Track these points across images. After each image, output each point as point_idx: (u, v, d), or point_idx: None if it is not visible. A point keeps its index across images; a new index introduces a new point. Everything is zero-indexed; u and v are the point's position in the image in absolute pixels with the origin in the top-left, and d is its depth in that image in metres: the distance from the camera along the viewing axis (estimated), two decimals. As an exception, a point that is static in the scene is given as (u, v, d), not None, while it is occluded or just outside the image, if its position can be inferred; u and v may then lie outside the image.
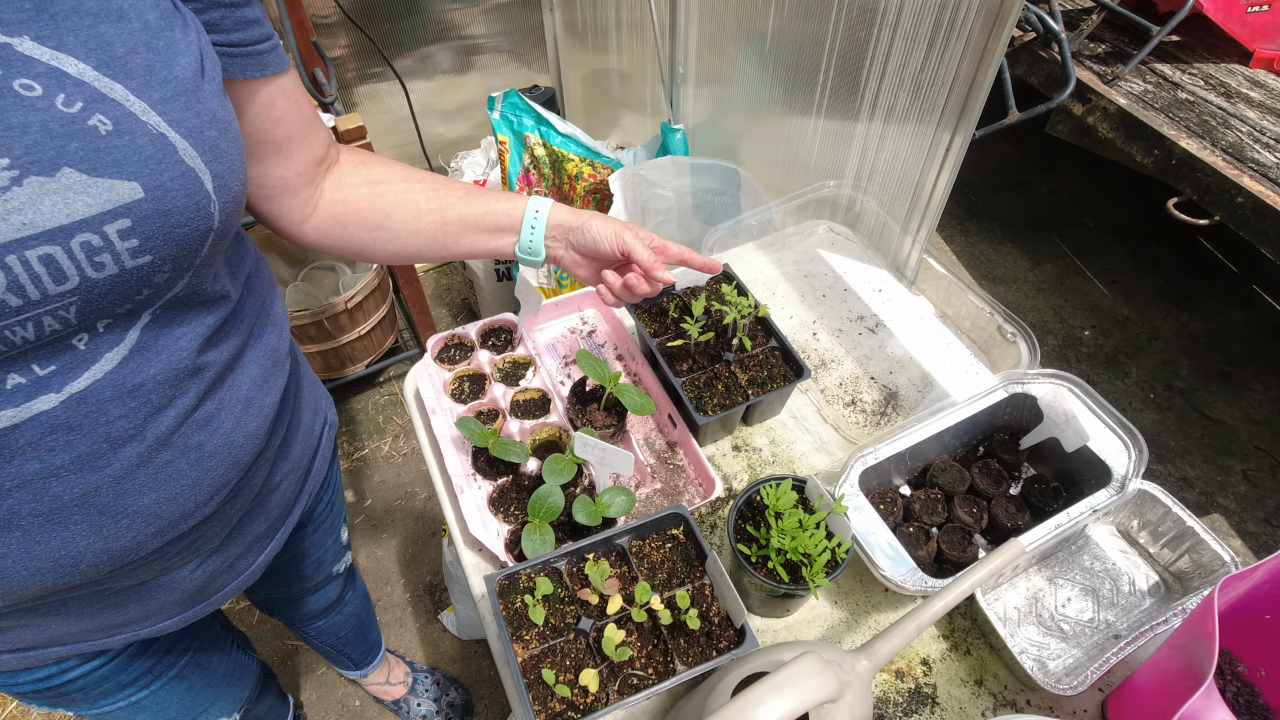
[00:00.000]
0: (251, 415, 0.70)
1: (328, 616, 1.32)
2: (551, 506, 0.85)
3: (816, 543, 0.75)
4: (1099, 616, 0.88)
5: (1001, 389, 0.98)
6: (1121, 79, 2.25)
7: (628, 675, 0.75)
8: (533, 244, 0.84)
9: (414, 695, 1.75)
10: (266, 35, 0.64)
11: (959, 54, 1.00)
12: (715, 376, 0.99)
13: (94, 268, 0.52)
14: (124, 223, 0.52)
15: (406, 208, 0.79)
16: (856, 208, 1.29)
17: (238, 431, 0.68)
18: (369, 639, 1.54)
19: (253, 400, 0.70)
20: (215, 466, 0.66)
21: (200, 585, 0.77)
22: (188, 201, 0.55)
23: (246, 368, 0.69)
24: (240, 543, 0.78)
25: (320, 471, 0.92)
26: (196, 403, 0.62)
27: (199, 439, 0.64)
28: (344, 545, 1.16)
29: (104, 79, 0.51)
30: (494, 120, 1.78)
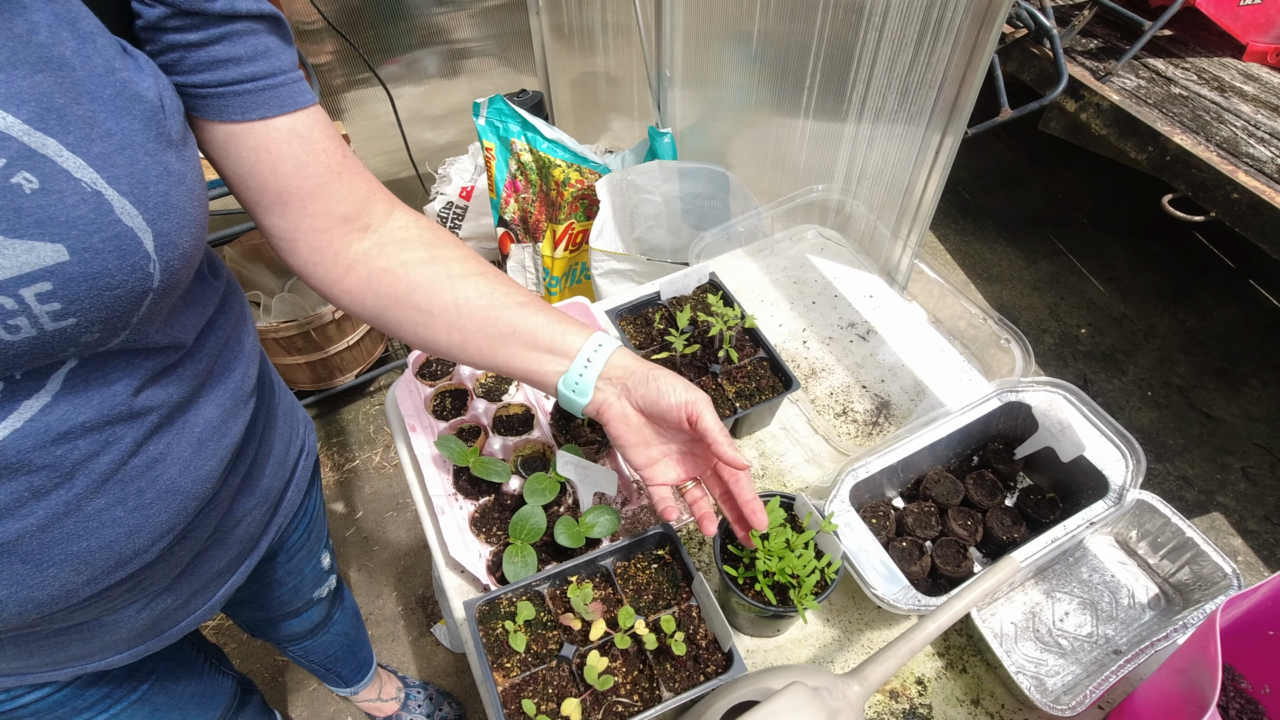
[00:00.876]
0: (205, 458, 0.65)
1: (314, 637, 1.29)
2: (533, 528, 0.82)
3: (805, 563, 0.73)
4: (1098, 631, 0.86)
5: (995, 398, 0.95)
6: (1114, 75, 2.23)
7: (612, 703, 0.73)
8: (581, 382, 0.71)
9: (406, 711, 1.72)
10: (252, 76, 0.57)
11: (947, 54, 0.98)
12: (702, 389, 0.96)
13: (7, 330, 0.48)
14: (43, 286, 0.48)
15: (453, 295, 0.69)
16: (846, 211, 1.27)
17: (186, 475, 0.63)
18: (359, 657, 1.51)
19: (206, 442, 0.65)
20: (158, 513, 0.62)
21: (150, 623, 0.73)
22: (121, 263, 0.51)
23: (202, 409, 0.64)
24: (194, 580, 0.74)
25: (293, 502, 0.88)
26: (135, 448, 0.58)
27: (139, 485, 0.59)
28: (325, 570, 1.12)
29: (35, 133, 0.47)
30: (479, 126, 1.75)
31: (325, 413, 2.35)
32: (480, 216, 2.11)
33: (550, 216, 1.79)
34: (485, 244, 2.14)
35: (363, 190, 0.67)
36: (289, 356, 2.06)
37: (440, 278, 0.69)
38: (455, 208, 2.13)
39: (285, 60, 0.59)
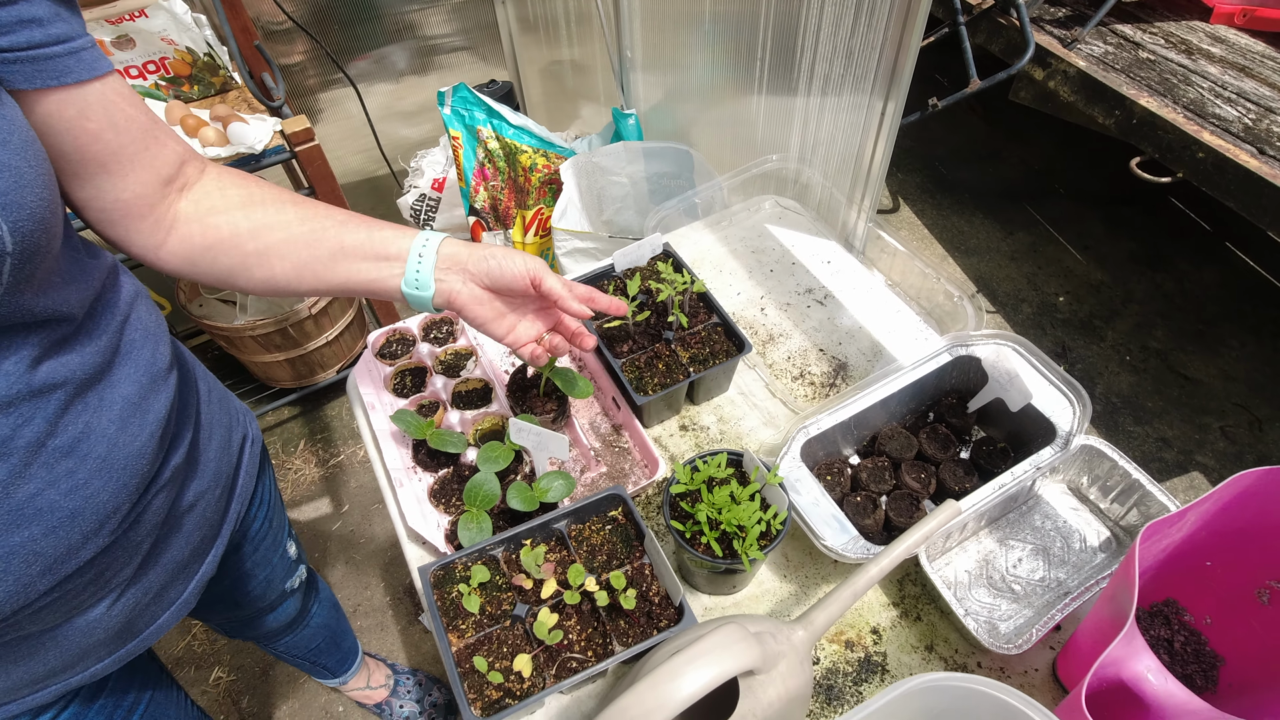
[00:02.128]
0: (132, 434, 0.64)
1: (294, 632, 1.29)
2: (487, 494, 0.83)
3: (750, 514, 0.74)
4: (1050, 575, 0.87)
5: (946, 352, 0.96)
6: (1081, 42, 2.24)
7: (566, 659, 0.74)
8: (420, 276, 0.74)
9: (396, 697, 1.73)
10: (58, 38, 0.55)
11: (884, 19, 0.99)
12: (656, 356, 0.98)
13: None
14: None
15: (277, 231, 0.71)
16: (803, 181, 1.28)
17: (117, 452, 0.62)
18: (344, 647, 1.52)
19: (130, 418, 0.64)
20: (97, 492, 0.61)
21: (124, 622, 0.72)
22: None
23: (116, 385, 0.63)
24: (161, 571, 0.73)
25: (247, 488, 0.88)
26: (50, 426, 0.57)
27: (68, 465, 0.58)
28: (293, 560, 1.12)
29: None
30: (445, 115, 1.76)
31: (308, 410, 2.36)
32: (453, 208, 2.12)
33: (519, 203, 1.80)
34: (460, 235, 2.15)
35: (179, 151, 0.68)
36: (268, 354, 2.07)
37: (263, 216, 0.71)
38: (428, 200, 2.14)
39: (80, 25, 0.58)
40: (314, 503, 2.15)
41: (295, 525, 2.10)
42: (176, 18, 1.63)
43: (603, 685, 0.81)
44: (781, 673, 0.65)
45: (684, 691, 0.55)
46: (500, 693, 0.71)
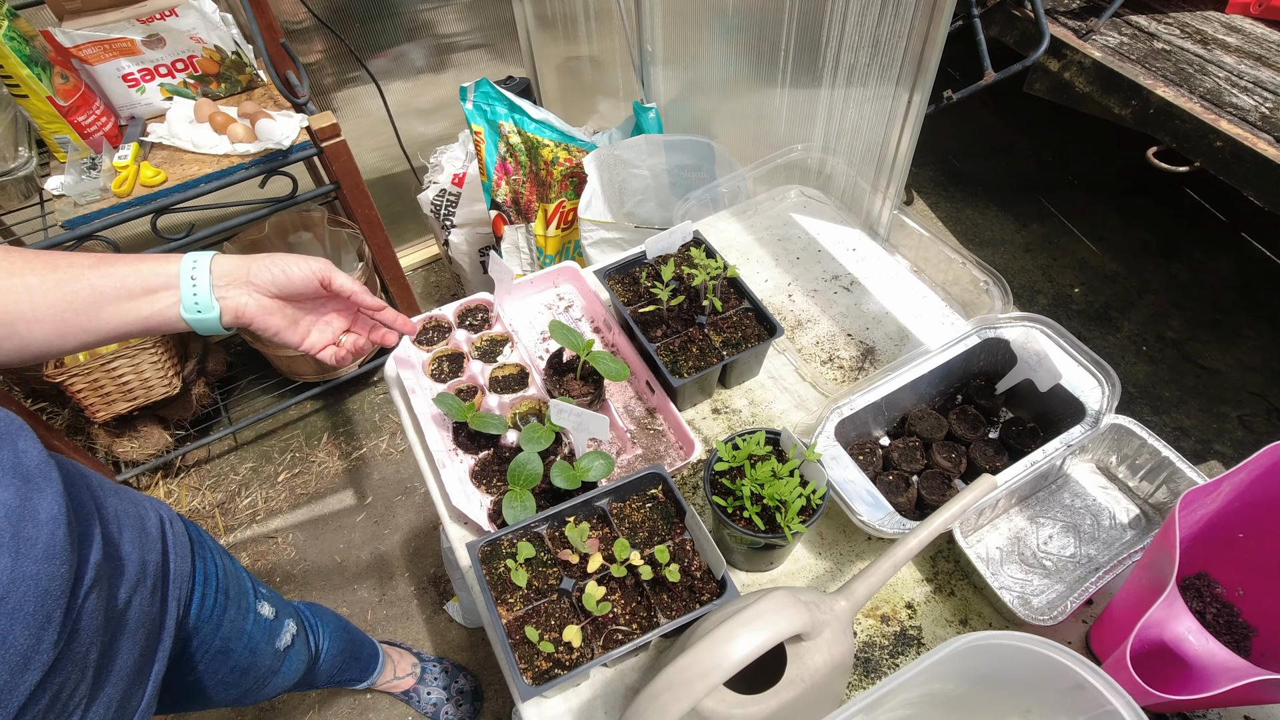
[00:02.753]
0: (29, 540, 0.58)
1: (313, 673, 1.25)
2: (530, 473, 0.86)
3: (791, 489, 0.76)
4: (1080, 551, 0.89)
5: (975, 335, 0.98)
6: (1096, 33, 2.24)
7: (612, 631, 0.76)
8: (198, 299, 0.69)
9: (423, 685, 1.76)
10: None
11: (911, 11, 1.01)
12: (689, 340, 1.00)
13: None
14: None
15: (16, 294, 0.64)
16: (827, 170, 1.30)
17: (24, 560, 0.57)
18: (364, 657, 1.51)
19: (22, 522, 0.58)
20: (18, 605, 0.56)
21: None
22: None
23: None
24: (117, 681, 0.70)
25: (182, 571, 0.84)
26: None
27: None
28: (270, 619, 1.06)
29: None
30: (467, 111, 1.78)
31: (331, 404, 2.39)
32: (473, 202, 2.14)
33: (541, 196, 1.82)
34: (479, 229, 2.17)
35: None
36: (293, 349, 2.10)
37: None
38: (448, 195, 2.17)
39: None
40: (338, 495, 2.18)
41: (321, 518, 2.14)
42: (205, 16, 1.66)
43: (645, 658, 0.83)
44: (826, 640, 0.67)
45: (740, 652, 0.57)
46: (549, 663, 0.74)
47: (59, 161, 1.58)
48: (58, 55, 1.54)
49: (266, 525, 2.12)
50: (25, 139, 1.51)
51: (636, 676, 0.81)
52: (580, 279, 1.13)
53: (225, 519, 2.13)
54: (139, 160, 1.60)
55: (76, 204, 1.52)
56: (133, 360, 1.87)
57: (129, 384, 1.90)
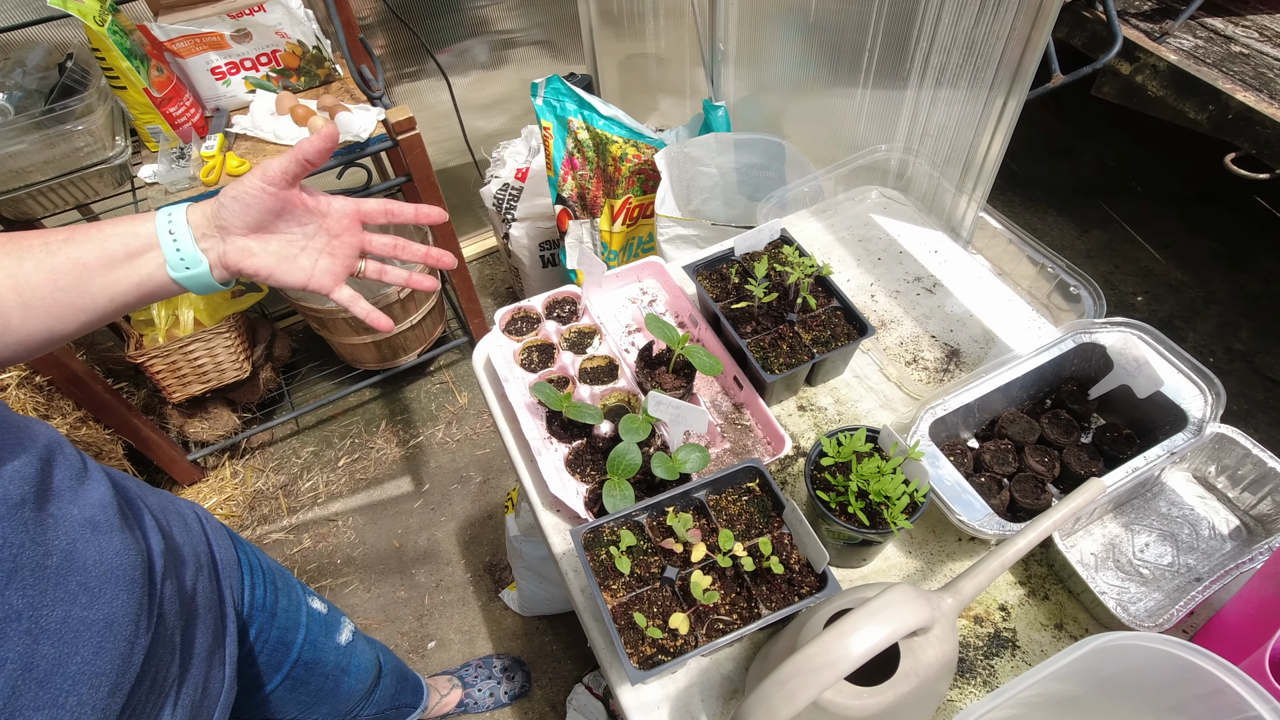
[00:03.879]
0: (99, 530, 0.62)
1: (380, 685, 1.27)
2: (629, 464, 0.87)
3: (895, 485, 0.77)
4: (1179, 560, 0.88)
5: (1069, 339, 0.97)
6: (1170, 35, 2.19)
7: (713, 620, 0.77)
8: (183, 254, 0.65)
9: (471, 687, 1.77)
10: None
11: (1011, 16, 1.00)
12: (780, 337, 1.01)
13: None
14: None
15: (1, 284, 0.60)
16: (908, 173, 1.29)
17: (106, 553, 0.61)
18: (410, 679, 1.52)
19: (90, 517, 0.62)
20: (116, 595, 0.60)
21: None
22: None
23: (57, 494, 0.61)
24: (199, 662, 0.73)
25: (228, 560, 0.87)
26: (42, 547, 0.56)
27: (78, 579, 0.58)
28: (325, 614, 1.09)
29: None
30: (537, 106, 1.81)
31: (389, 392, 2.44)
32: (535, 197, 2.17)
33: (608, 192, 1.84)
34: (540, 223, 2.20)
35: None
36: (356, 336, 2.15)
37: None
38: (510, 189, 2.20)
39: None
40: (395, 481, 2.23)
41: (379, 503, 2.19)
42: (291, 11, 1.71)
43: (740, 649, 0.84)
44: (937, 636, 0.68)
45: (868, 643, 0.58)
46: (654, 649, 0.75)
47: (149, 151, 1.64)
48: (153, 48, 1.60)
49: (327, 508, 2.18)
50: (121, 129, 1.57)
51: (732, 666, 0.83)
52: (665, 274, 1.14)
53: (289, 500, 2.19)
54: (224, 151, 1.66)
55: (167, 191, 1.58)
56: (208, 344, 1.93)
57: (203, 367, 1.97)
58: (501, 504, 2.15)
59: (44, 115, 1.43)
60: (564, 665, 1.86)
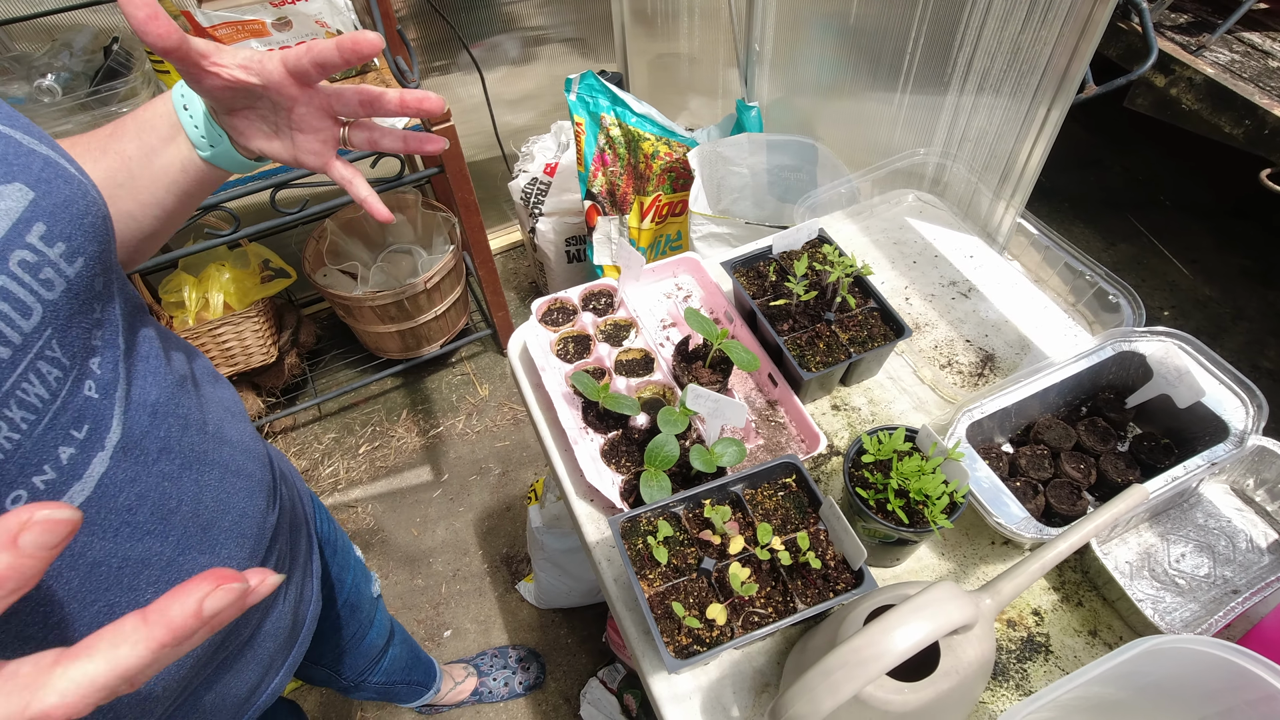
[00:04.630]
0: (236, 418, 0.71)
1: (393, 647, 1.31)
2: (667, 455, 0.88)
3: (935, 484, 0.77)
4: (1216, 572, 0.87)
5: (1108, 347, 0.97)
6: (1207, 49, 2.18)
7: (749, 613, 0.78)
8: (201, 131, 0.64)
9: (486, 677, 1.78)
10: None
11: (1058, 26, 1.00)
12: (816, 336, 1.01)
13: (45, 287, 0.48)
14: (40, 227, 0.48)
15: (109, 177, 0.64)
16: (945, 178, 1.29)
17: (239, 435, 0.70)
18: (423, 657, 1.54)
19: (228, 406, 0.71)
20: (253, 472, 0.69)
21: (292, 618, 0.79)
22: (71, 188, 0.51)
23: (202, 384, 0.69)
24: (299, 563, 0.81)
25: (305, 489, 0.94)
26: (201, 416, 0.64)
27: (226, 453, 0.66)
28: (364, 561, 1.17)
29: None
30: (570, 101, 1.82)
31: (411, 381, 2.46)
32: (563, 192, 2.18)
33: (638, 189, 1.85)
34: (567, 218, 2.21)
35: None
36: (382, 325, 2.17)
37: None
38: (539, 184, 2.21)
39: None
40: (415, 470, 2.25)
41: (399, 492, 2.20)
42: (331, 1, 1.73)
43: (771, 644, 0.85)
44: (976, 635, 0.68)
45: (913, 638, 0.58)
46: (689, 639, 0.76)
47: (189, 134, 1.66)
48: (196, 34, 1.62)
49: (348, 494, 2.20)
50: (163, 111, 1.60)
51: (764, 660, 0.83)
52: (701, 270, 1.15)
53: (310, 485, 2.21)
54: (262, 136, 1.68)
55: (206, 175, 1.60)
56: (237, 328, 1.96)
57: (231, 350, 1.99)
58: (520, 496, 2.17)
59: (89, 97, 1.46)
60: (579, 659, 1.86)
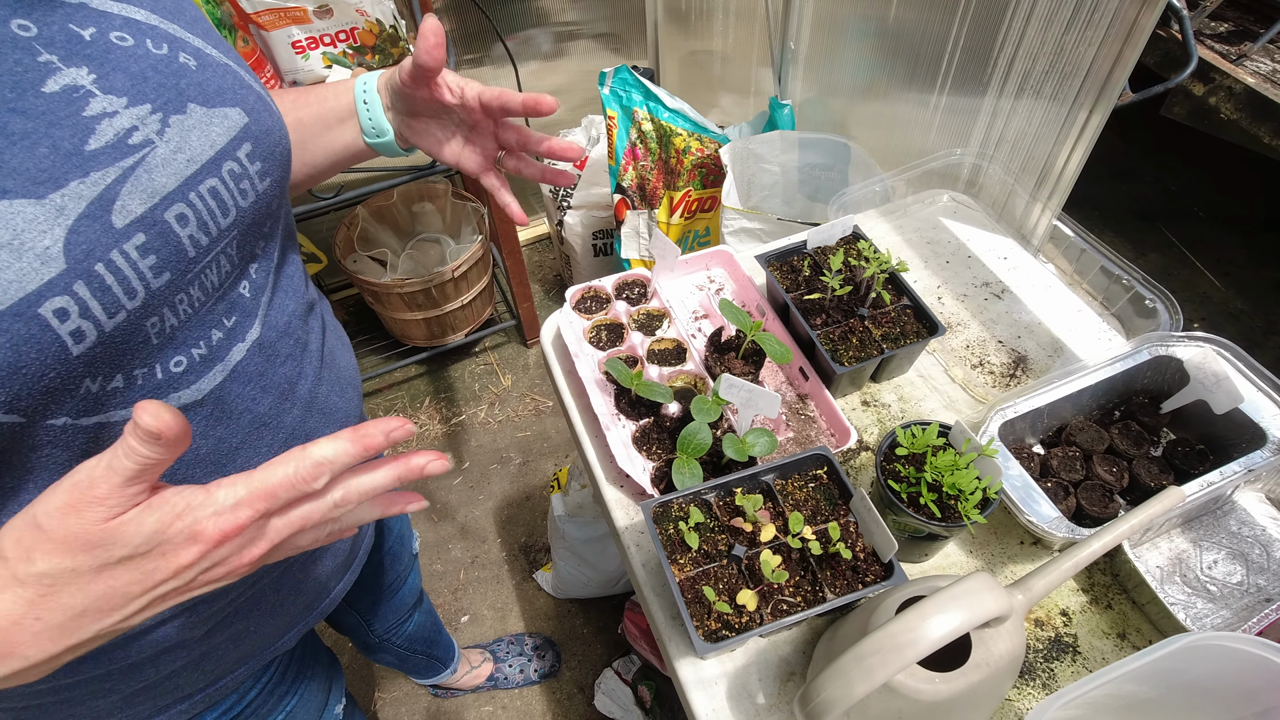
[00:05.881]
0: (345, 349, 0.79)
1: (418, 611, 1.35)
2: (700, 443, 0.89)
3: (969, 479, 0.77)
4: (1249, 580, 0.87)
5: (1144, 351, 0.97)
6: (1248, 58, 2.15)
7: (778, 601, 0.79)
8: (374, 122, 0.75)
9: (503, 662, 1.80)
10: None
11: (1103, 27, 1.00)
12: (850, 331, 1.01)
13: (241, 195, 0.56)
14: (247, 146, 0.56)
15: None
16: (980, 180, 1.29)
17: (349, 366, 0.78)
18: (445, 634, 1.58)
19: (340, 337, 0.79)
20: (353, 396, 0.77)
21: (350, 542, 0.85)
22: (272, 120, 0.60)
23: (322, 311, 0.77)
24: None
25: None
26: (321, 338, 0.71)
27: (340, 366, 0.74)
28: (407, 517, 1.20)
29: (166, 23, 0.54)
30: (604, 95, 1.83)
31: (435, 370, 2.49)
32: (591, 186, 2.20)
33: (668, 184, 1.86)
34: (595, 212, 2.23)
35: None
36: (409, 312, 2.19)
37: None
38: (568, 178, 2.22)
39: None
40: (437, 457, 2.27)
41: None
42: (372, -10, 1.75)
43: (797, 634, 0.85)
44: (1008, 630, 0.68)
45: (948, 626, 0.58)
46: (719, 624, 0.76)
47: (230, 118, 1.70)
48: (240, 19, 1.65)
49: (370, 478, 2.22)
50: (206, 95, 1.63)
51: (790, 649, 0.84)
52: (733, 263, 1.16)
53: (333, 468, 2.24)
54: (301, 122, 1.70)
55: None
56: (269, 310, 1.98)
57: (262, 332, 2.02)
58: (540, 487, 2.18)
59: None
60: (594, 649, 1.88)
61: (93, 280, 0.46)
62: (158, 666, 0.67)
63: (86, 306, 0.46)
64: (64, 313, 0.45)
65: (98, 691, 0.66)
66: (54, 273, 0.44)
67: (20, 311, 0.43)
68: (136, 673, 0.66)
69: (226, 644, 0.73)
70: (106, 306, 0.47)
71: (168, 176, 0.51)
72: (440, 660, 1.57)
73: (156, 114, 0.51)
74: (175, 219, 0.51)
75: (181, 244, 0.52)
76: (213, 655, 0.72)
